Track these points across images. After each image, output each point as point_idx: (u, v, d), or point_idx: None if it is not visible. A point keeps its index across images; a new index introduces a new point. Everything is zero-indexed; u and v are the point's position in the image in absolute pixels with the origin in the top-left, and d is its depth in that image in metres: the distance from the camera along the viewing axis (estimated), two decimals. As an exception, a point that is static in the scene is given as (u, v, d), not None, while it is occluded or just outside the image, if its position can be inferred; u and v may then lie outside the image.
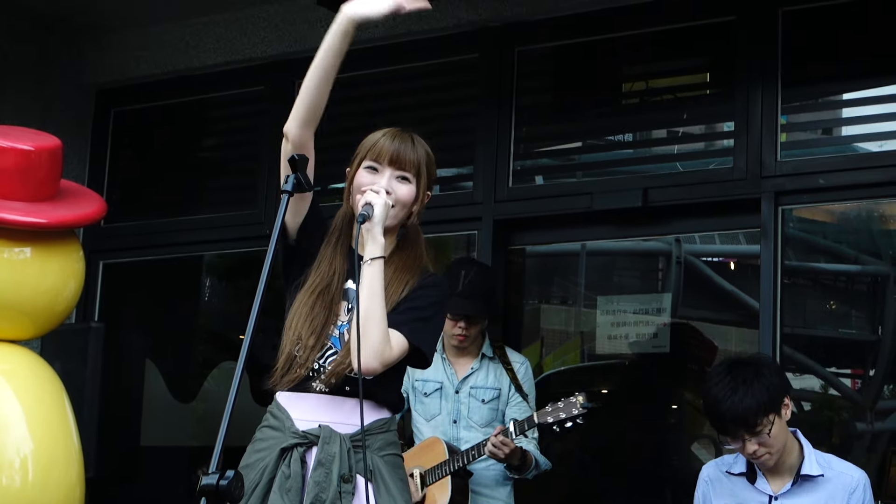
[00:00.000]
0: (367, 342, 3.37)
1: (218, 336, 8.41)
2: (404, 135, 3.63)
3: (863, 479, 4.22)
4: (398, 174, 3.57)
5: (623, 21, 6.13)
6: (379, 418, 3.55)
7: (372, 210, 3.44)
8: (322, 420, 3.49)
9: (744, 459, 4.26)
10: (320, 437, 3.46)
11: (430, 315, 3.57)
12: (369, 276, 3.42)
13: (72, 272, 5.21)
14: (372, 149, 3.61)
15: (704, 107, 6.36)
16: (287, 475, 3.45)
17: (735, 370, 4.15)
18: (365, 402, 3.48)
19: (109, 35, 7.47)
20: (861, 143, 5.83)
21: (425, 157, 3.61)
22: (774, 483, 4.22)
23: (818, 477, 4.18)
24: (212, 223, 7.19)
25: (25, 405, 4.98)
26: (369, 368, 3.39)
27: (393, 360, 3.44)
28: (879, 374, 6.87)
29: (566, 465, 7.45)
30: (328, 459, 3.42)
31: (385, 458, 3.52)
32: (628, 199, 5.94)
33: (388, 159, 3.57)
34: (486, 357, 5.35)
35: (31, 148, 5.00)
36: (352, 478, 3.42)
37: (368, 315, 3.38)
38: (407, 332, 3.48)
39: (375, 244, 3.44)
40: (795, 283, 6.62)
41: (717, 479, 4.33)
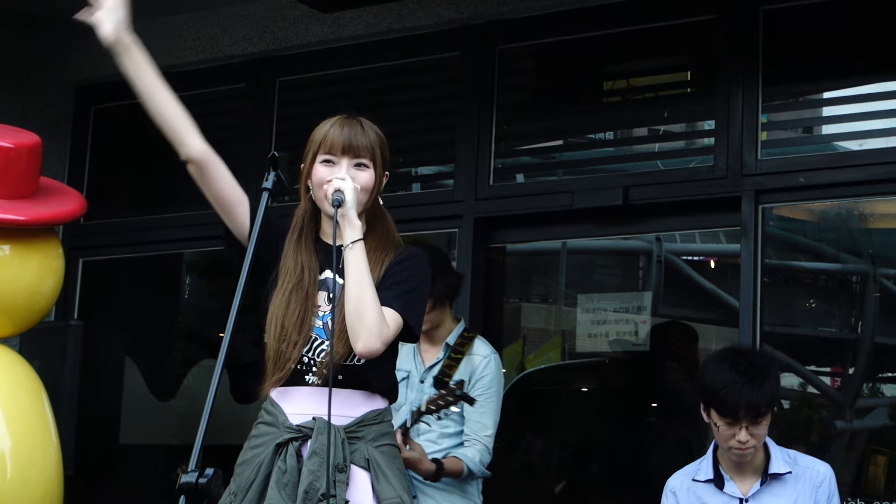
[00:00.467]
0: (365, 324, 3.39)
1: (198, 334, 8.40)
2: (352, 121, 3.62)
3: (828, 472, 4.25)
4: (355, 162, 3.57)
5: (604, 19, 6.13)
6: (373, 409, 3.54)
7: (343, 196, 3.44)
8: (315, 412, 3.48)
9: (710, 465, 4.26)
10: (314, 429, 3.46)
11: (414, 286, 3.56)
12: (354, 260, 3.43)
13: (51, 270, 5.20)
14: (323, 141, 3.59)
15: (685, 105, 6.37)
16: (283, 470, 3.44)
17: (750, 361, 4.18)
18: (358, 392, 3.51)
19: (89, 32, 7.38)
20: (841, 142, 5.85)
21: (377, 140, 3.61)
22: (742, 485, 4.22)
23: (786, 474, 4.19)
24: (191, 220, 7.16)
25: (4, 403, 4.97)
26: (372, 349, 3.40)
27: (391, 336, 3.45)
28: (859, 372, 6.90)
29: (546, 463, 7.46)
30: (322, 449, 3.41)
31: (380, 449, 3.52)
32: (609, 197, 5.94)
33: (342, 149, 3.57)
34: (450, 346, 5.25)
35: (11, 145, 4.99)
36: (346, 467, 3.42)
37: (361, 297, 3.40)
38: (398, 307, 3.48)
39: (353, 228, 3.45)
40: (775, 282, 6.64)
41: (684, 489, 4.31)
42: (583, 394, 8.30)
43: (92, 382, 6.19)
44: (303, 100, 6.97)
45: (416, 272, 3.59)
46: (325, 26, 6.72)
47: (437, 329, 5.17)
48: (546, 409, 7.87)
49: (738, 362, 4.15)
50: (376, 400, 3.56)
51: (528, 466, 7.41)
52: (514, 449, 7.26)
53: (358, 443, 3.48)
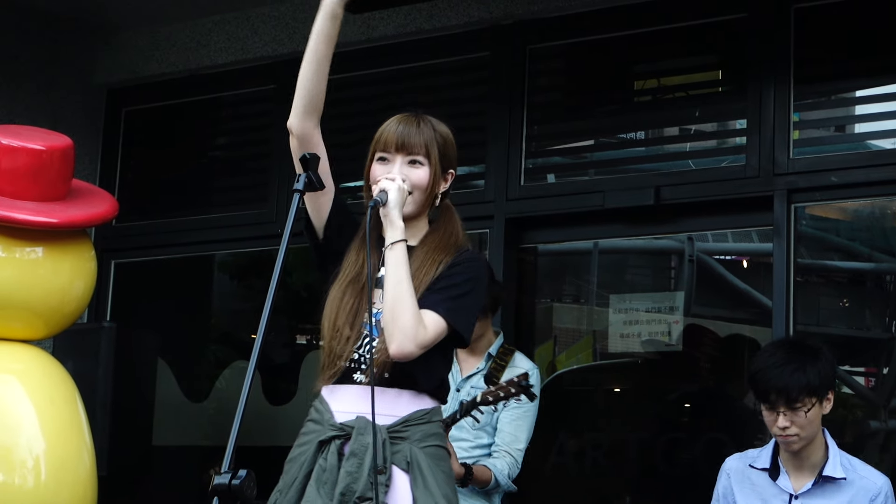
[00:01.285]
0: (399, 325, 3.36)
1: (230, 335, 8.41)
2: (409, 118, 3.61)
3: (886, 486, 4.18)
4: (408, 159, 3.55)
5: (635, 19, 6.12)
6: (419, 409, 3.48)
7: (386, 196, 3.42)
8: (361, 411, 3.43)
9: (769, 454, 4.25)
10: (355, 427, 3.42)
11: (465, 291, 3.50)
12: (393, 260, 3.41)
13: (83, 272, 5.22)
14: (379, 140, 3.60)
15: (717, 104, 6.35)
16: (323, 468, 3.42)
17: (794, 348, 4.19)
18: (405, 392, 3.47)
19: (120, 35, 7.48)
20: (874, 141, 5.82)
21: (434, 136, 3.58)
22: (796, 481, 4.19)
23: (840, 479, 4.15)
24: (223, 222, 7.19)
25: (38, 405, 4.99)
26: (405, 352, 3.37)
27: (429, 341, 3.40)
28: (893, 372, 6.86)
29: (579, 464, 7.44)
30: (361, 450, 3.38)
31: (426, 450, 3.45)
32: (640, 197, 5.93)
33: (395, 146, 3.56)
34: (492, 357, 5.26)
35: (43, 148, 5.01)
36: (385, 469, 3.37)
37: (396, 298, 3.38)
38: (442, 312, 3.43)
39: (394, 228, 3.43)
40: (808, 281, 6.61)
41: (740, 472, 4.31)
42: (615, 394, 8.27)
43: (125, 384, 6.20)
44: (332, 101, 6.91)
45: (470, 277, 3.54)
46: (355, 27, 6.72)
47: (478, 340, 5.16)
48: (578, 410, 7.85)
49: (782, 347, 4.16)
50: (424, 399, 3.51)
51: (560, 467, 7.40)
52: (547, 450, 7.25)
53: (401, 443, 3.42)
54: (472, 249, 3.65)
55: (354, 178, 6.91)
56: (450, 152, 3.63)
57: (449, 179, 3.64)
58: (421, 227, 3.60)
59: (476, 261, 3.61)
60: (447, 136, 3.64)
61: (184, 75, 7.36)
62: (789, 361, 4.10)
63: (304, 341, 8.70)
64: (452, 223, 3.65)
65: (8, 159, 4.94)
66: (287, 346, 8.44)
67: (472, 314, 3.57)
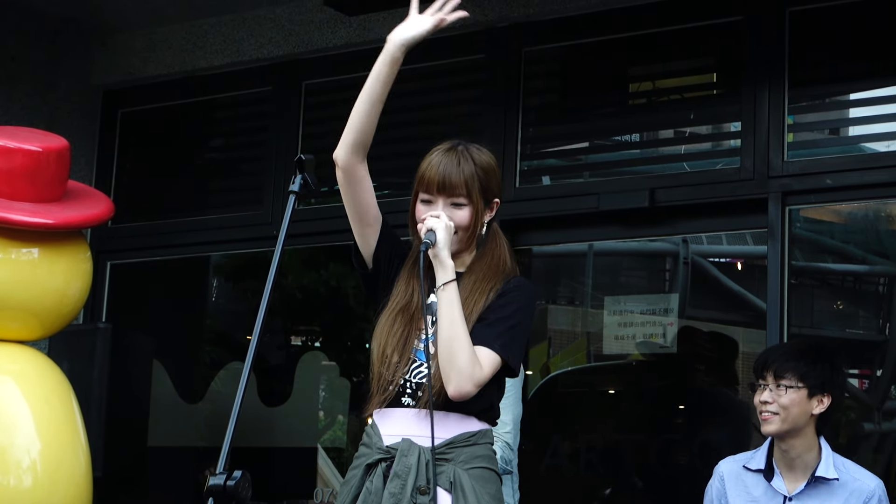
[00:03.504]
0: (457, 367, 3.38)
1: (225, 336, 8.43)
2: (450, 154, 3.59)
3: (879, 488, 4.21)
4: (450, 201, 3.55)
5: (630, 21, 6.12)
6: (465, 431, 3.49)
7: (434, 236, 3.43)
8: (407, 434, 3.47)
9: (763, 456, 4.28)
10: (399, 449, 3.45)
11: (516, 323, 3.52)
12: (447, 301, 3.42)
13: (79, 273, 5.23)
14: (421, 179, 3.59)
15: (711, 107, 6.36)
16: (370, 490, 3.45)
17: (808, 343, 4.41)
18: (452, 414, 3.47)
19: (117, 36, 7.48)
20: (868, 143, 5.83)
21: (474, 172, 3.56)
22: (790, 483, 4.22)
23: (833, 480, 4.18)
24: (219, 223, 7.19)
25: (33, 406, 5.00)
26: (463, 392, 3.39)
27: (486, 378, 3.43)
28: (887, 374, 6.87)
29: (573, 466, 7.45)
30: (404, 471, 3.41)
31: (471, 472, 3.45)
32: (635, 199, 5.93)
33: (437, 188, 3.55)
34: None
35: (39, 149, 5.02)
36: (429, 490, 3.39)
37: (453, 340, 3.39)
38: (498, 349, 3.46)
39: (445, 269, 3.44)
40: (803, 284, 6.63)
41: (734, 474, 4.35)
42: (609, 396, 8.29)
43: (120, 385, 6.21)
44: (329, 102, 6.99)
45: (521, 306, 3.54)
46: (351, 29, 6.73)
47: None
48: (573, 412, 7.87)
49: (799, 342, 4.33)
50: (471, 422, 3.51)
51: (555, 469, 7.41)
52: (541, 451, 7.26)
53: (446, 465, 3.43)
54: (519, 276, 3.65)
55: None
56: (492, 184, 3.62)
57: (494, 208, 3.65)
58: (468, 255, 3.61)
59: (525, 288, 3.60)
60: (488, 168, 3.62)
61: (180, 77, 7.36)
62: (795, 350, 4.27)
63: (300, 343, 8.73)
64: (500, 248, 3.65)
65: (4, 160, 4.95)
66: (282, 348, 8.46)
67: (523, 344, 3.61)
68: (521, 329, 3.55)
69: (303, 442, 7.71)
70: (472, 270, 3.57)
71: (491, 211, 3.64)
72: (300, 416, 7.88)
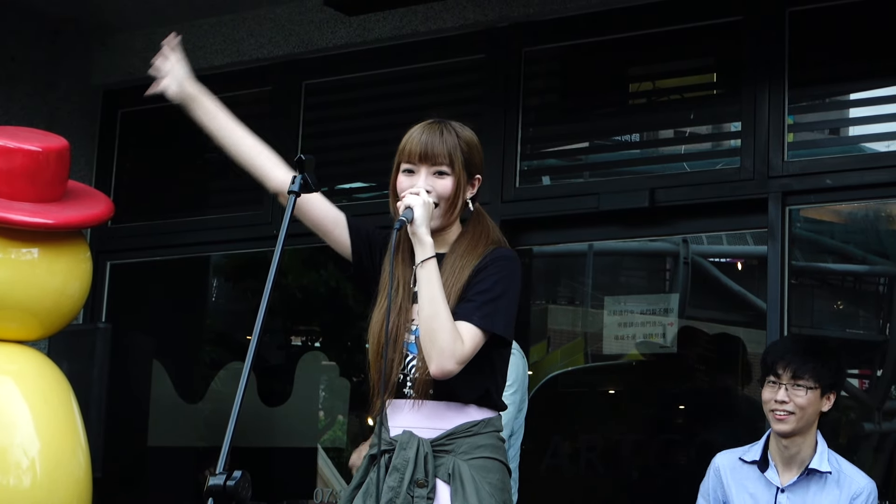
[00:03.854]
0: (437, 346, 3.33)
1: (225, 336, 8.43)
2: (433, 126, 3.56)
3: (869, 486, 4.24)
4: (433, 170, 3.51)
5: (630, 21, 6.12)
6: (466, 421, 3.46)
7: (412, 213, 3.38)
8: (409, 425, 3.45)
9: (759, 448, 4.30)
10: (398, 442, 3.43)
11: (499, 293, 3.45)
12: (425, 279, 3.37)
13: (79, 273, 5.23)
14: (403, 150, 3.55)
15: (711, 107, 6.36)
16: (372, 480, 3.43)
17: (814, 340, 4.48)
18: (451, 405, 3.45)
19: (116, 36, 7.48)
20: (868, 143, 5.83)
21: (457, 144, 3.54)
22: (784, 475, 4.25)
23: (826, 474, 4.20)
24: (219, 223, 7.19)
25: (33, 406, 5.00)
26: (445, 370, 3.34)
27: (468, 354, 3.37)
28: (887, 374, 6.87)
29: (573, 466, 7.45)
30: (402, 464, 3.39)
31: (471, 462, 3.42)
32: (635, 199, 5.93)
33: (419, 157, 3.51)
34: None
35: (39, 149, 5.01)
36: (427, 482, 3.37)
37: (432, 318, 3.35)
38: (478, 321, 3.39)
39: (423, 245, 3.39)
40: (803, 284, 6.62)
41: (728, 468, 4.37)
42: (610, 396, 8.29)
43: (120, 385, 6.21)
44: (328, 103, 6.99)
45: (500, 277, 3.48)
46: (351, 29, 6.73)
47: None
48: (573, 412, 7.87)
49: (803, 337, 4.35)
50: (470, 411, 3.47)
51: (555, 469, 7.41)
52: (541, 451, 7.26)
53: (446, 456, 3.41)
54: (502, 247, 3.59)
55: (353, 180, 6.97)
56: (475, 158, 3.60)
57: (476, 185, 3.62)
58: (452, 234, 3.58)
59: (504, 258, 3.53)
60: (471, 142, 3.60)
61: (179, 77, 7.35)
62: (801, 342, 4.34)
63: (300, 342, 8.73)
64: (482, 225, 3.61)
65: (4, 160, 4.95)
66: (282, 348, 8.46)
67: (509, 313, 3.50)
68: (504, 298, 3.46)
69: (303, 442, 7.71)
70: (453, 250, 3.53)
71: (473, 187, 3.61)
72: (300, 416, 7.88)
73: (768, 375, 4.27)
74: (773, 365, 4.24)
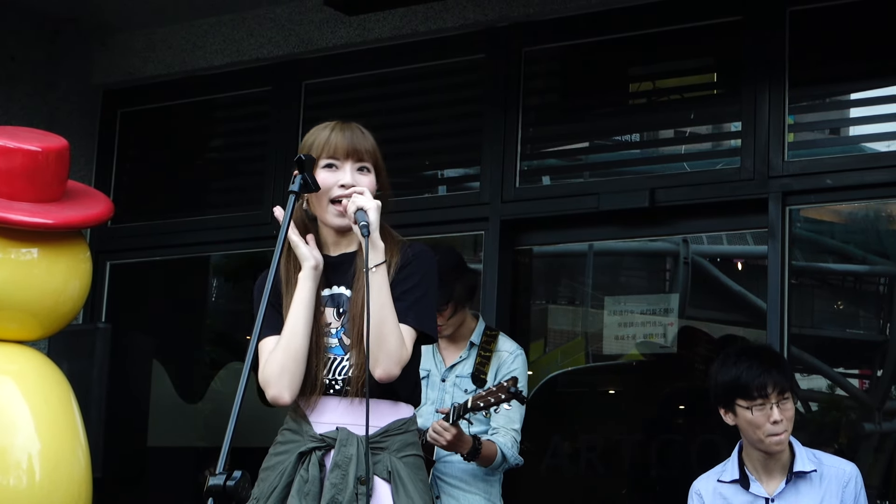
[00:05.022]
0: (385, 350, 3.36)
1: (225, 337, 8.41)
2: (351, 125, 3.58)
3: (854, 471, 4.25)
4: (358, 166, 3.53)
5: (630, 21, 6.13)
6: (398, 419, 3.50)
7: (367, 217, 3.36)
8: (340, 423, 3.46)
9: (735, 466, 4.27)
10: (337, 439, 3.43)
11: (424, 291, 3.51)
12: (378, 285, 3.37)
13: (79, 273, 5.22)
14: (325, 145, 3.52)
15: (711, 107, 6.36)
16: (305, 479, 3.42)
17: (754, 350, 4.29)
18: (383, 402, 3.47)
19: (116, 36, 7.48)
20: (869, 143, 5.83)
21: (374, 144, 3.57)
22: (768, 485, 4.22)
23: (811, 473, 4.19)
24: (219, 224, 7.19)
25: (33, 406, 4.99)
26: (391, 374, 3.38)
27: (408, 356, 3.42)
28: (887, 374, 6.86)
29: (573, 466, 7.44)
30: (345, 461, 3.39)
31: (404, 460, 3.47)
32: (635, 199, 5.93)
33: (345, 153, 3.52)
34: (475, 345, 5.21)
35: (39, 149, 5.01)
36: (368, 479, 3.38)
37: (383, 324, 3.36)
38: (413, 322, 3.45)
39: (377, 251, 3.39)
40: (803, 284, 6.62)
41: (709, 491, 4.32)
42: (610, 396, 8.28)
43: (120, 385, 6.20)
44: (328, 102, 6.99)
45: (423, 274, 3.52)
46: (351, 29, 6.73)
47: (458, 329, 5.18)
48: (573, 412, 7.86)
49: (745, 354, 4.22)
50: (401, 408, 3.53)
51: (555, 469, 7.40)
52: (541, 451, 7.26)
53: (381, 453, 3.44)
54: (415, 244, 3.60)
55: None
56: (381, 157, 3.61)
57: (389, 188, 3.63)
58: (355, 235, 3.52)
59: (421, 255, 3.55)
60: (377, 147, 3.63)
61: (180, 77, 7.36)
62: (766, 360, 4.19)
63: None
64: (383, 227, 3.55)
65: (3, 160, 4.94)
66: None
67: (434, 309, 3.59)
68: (429, 298, 3.53)
69: (302, 442, 7.69)
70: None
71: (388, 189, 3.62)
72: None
73: (750, 400, 4.14)
74: (760, 388, 4.12)
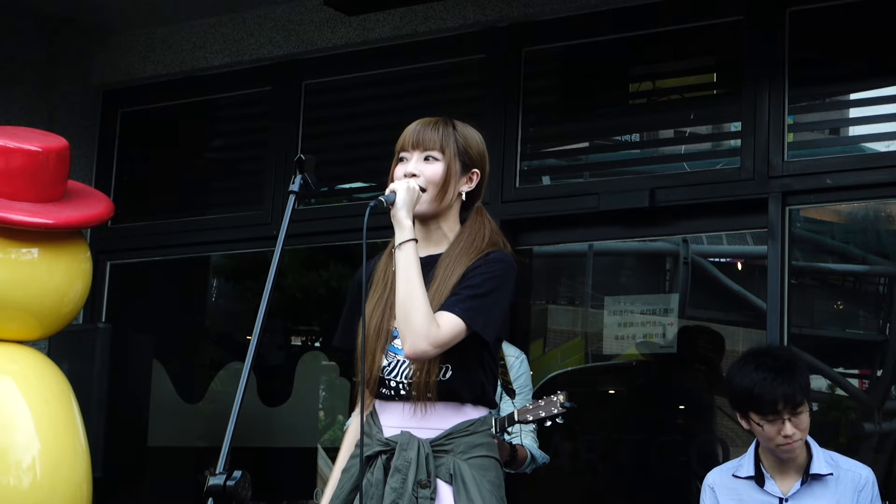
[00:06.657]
0: (411, 326, 3.34)
1: (225, 336, 8.42)
2: (429, 119, 3.60)
3: (870, 476, 4.24)
4: (424, 155, 3.54)
5: (630, 21, 6.12)
6: (463, 420, 3.47)
7: (394, 196, 3.40)
8: (406, 426, 3.46)
9: (751, 463, 4.26)
10: (398, 443, 3.44)
11: (486, 291, 3.44)
12: (403, 261, 3.38)
13: (79, 273, 5.23)
14: (400, 140, 3.59)
15: (711, 107, 6.36)
16: (371, 482, 3.43)
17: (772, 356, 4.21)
18: (447, 404, 3.46)
19: (116, 36, 7.48)
20: (868, 143, 5.83)
21: (452, 134, 3.57)
22: (783, 484, 4.22)
23: (827, 476, 4.18)
24: (219, 224, 7.19)
25: (33, 406, 5.00)
26: (418, 351, 3.35)
27: (444, 340, 3.36)
28: (887, 374, 6.87)
29: (574, 466, 7.45)
30: (404, 465, 3.39)
31: (470, 461, 3.43)
32: (635, 199, 5.93)
33: (412, 143, 3.55)
34: None
35: (39, 149, 5.01)
36: (429, 483, 3.38)
37: (407, 299, 3.35)
38: (458, 311, 3.39)
39: (402, 229, 3.40)
40: (803, 284, 6.62)
41: (723, 486, 4.32)
42: (609, 396, 8.29)
43: (120, 385, 6.20)
44: (329, 102, 6.99)
45: (490, 276, 3.47)
46: (351, 29, 6.73)
47: None
48: (573, 412, 7.86)
49: (762, 361, 4.16)
50: (467, 410, 3.49)
51: (555, 469, 7.41)
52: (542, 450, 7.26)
53: (445, 456, 3.42)
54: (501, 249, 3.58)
55: (353, 180, 6.97)
56: (472, 152, 3.61)
57: (474, 180, 3.63)
58: (447, 232, 3.58)
59: (496, 261, 3.52)
60: (470, 136, 3.62)
61: (180, 77, 7.36)
62: (781, 370, 4.12)
63: (299, 343, 8.72)
64: (479, 225, 3.61)
65: (4, 160, 4.94)
66: (282, 348, 8.46)
67: (494, 312, 3.47)
68: (490, 297, 3.45)
69: (303, 442, 7.70)
70: (449, 252, 3.53)
71: (469, 181, 3.62)
72: (300, 416, 7.87)
73: (761, 415, 4.12)
74: (771, 403, 4.09)
